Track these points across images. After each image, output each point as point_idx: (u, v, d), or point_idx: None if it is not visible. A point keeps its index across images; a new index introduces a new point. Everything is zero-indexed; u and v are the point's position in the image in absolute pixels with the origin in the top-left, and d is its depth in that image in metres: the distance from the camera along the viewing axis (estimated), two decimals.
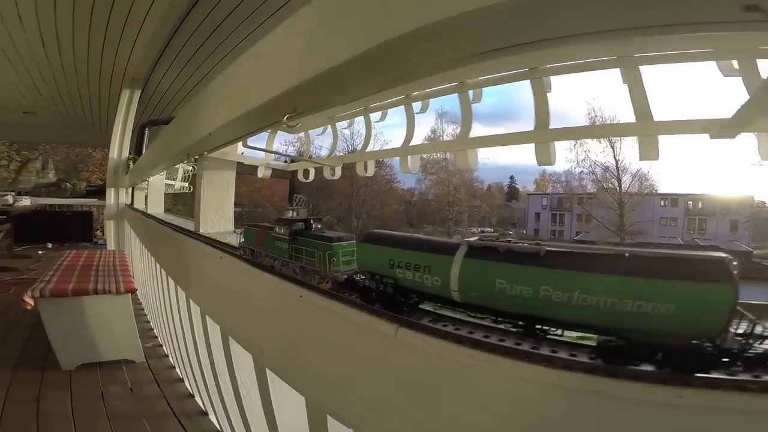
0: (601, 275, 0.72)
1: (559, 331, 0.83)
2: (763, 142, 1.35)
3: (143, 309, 5.50)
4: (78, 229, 11.60)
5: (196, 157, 2.73)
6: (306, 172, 2.86)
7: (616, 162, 26.42)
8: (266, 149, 2.50)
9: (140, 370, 3.87)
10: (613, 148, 26.28)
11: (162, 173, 5.49)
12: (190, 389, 3.42)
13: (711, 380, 0.62)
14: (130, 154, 7.31)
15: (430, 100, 2.05)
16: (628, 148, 25.60)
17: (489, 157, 33.35)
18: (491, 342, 0.80)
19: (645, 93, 1.36)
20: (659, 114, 1.39)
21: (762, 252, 22.08)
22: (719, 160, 31.36)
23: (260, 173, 2.77)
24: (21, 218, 9.28)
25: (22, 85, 7.82)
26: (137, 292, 4.61)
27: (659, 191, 27.97)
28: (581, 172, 27.75)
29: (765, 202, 23.80)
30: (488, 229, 33.70)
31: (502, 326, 0.90)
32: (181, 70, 6.42)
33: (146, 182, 6.16)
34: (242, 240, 1.91)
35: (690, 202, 28.29)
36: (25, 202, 8.91)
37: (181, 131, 2.64)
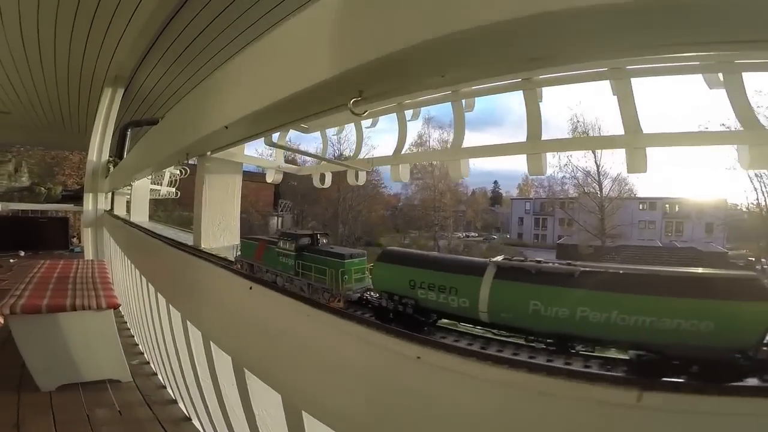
0: (640, 296, 0.73)
1: (588, 347, 0.83)
2: (743, 153, 1.41)
3: (125, 323, 5.11)
4: (53, 235, 10.95)
5: (189, 160, 2.43)
6: (323, 177, 2.62)
7: (597, 167, 26.97)
8: (304, 151, 2.19)
9: (128, 391, 3.52)
10: (594, 153, 26.81)
11: (149, 177, 5.07)
12: (186, 411, 3.11)
13: (746, 388, 0.66)
14: (110, 156, 6.85)
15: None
16: (609, 153, 26.19)
17: (474, 163, 33.44)
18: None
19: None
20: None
21: (736, 253, 22.69)
22: (694, 165, 32.32)
23: (270, 178, 2.50)
24: None
25: None
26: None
27: (638, 195, 28.67)
28: (563, 177, 28.26)
29: (738, 205, 24.51)
30: (473, 234, 33.89)
31: (533, 344, 0.88)
32: (168, 68, 6.04)
33: (129, 187, 5.77)
34: (239, 254, 1.81)
35: (667, 206, 29.06)
36: None
37: (180, 128, 2.32)
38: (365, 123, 2.30)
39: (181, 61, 6.05)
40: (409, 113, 2.08)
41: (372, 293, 1.20)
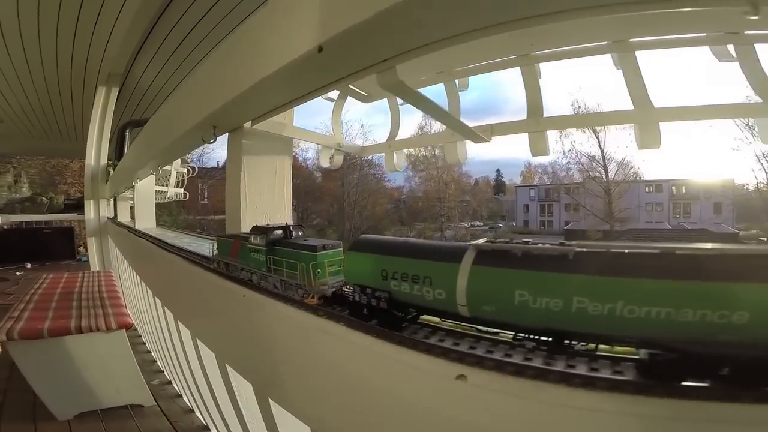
0: (653, 280, 0.56)
1: (591, 346, 0.68)
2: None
3: (140, 336, 4.69)
4: (59, 246, 10.53)
5: (214, 139, 1.79)
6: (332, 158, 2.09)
7: (602, 151, 26.50)
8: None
9: (153, 417, 3.11)
10: (598, 138, 26.39)
11: (155, 173, 4.34)
12: None
13: None
14: (109, 160, 6.35)
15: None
16: (613, 137, 25.82)
17: (477, 153, 33.09)
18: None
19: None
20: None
21: (747, 233, 22.32)
22: (700, 145, 31.80)
23: (326, 161, 1.94)
24: None
25: None
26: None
27: (644, 178, 28.22)
28: (568, 162, 27.79)
29: (746, 185, 24.07)
30: (478, 223, 33.46)
31: (523, 343, 0.73)
32: (166, 62, 5.55)
33: (131, 190, 5.30)
34: (215, 253, 1.70)
35: (673, 187, 28.61)
36: None
37: (202, 92, 1.71)
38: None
39: (179, 53, 5.57)
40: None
41: (348, 287, 1.06)
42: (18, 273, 8.73)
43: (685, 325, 0.53)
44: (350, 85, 1.58)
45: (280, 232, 1.29)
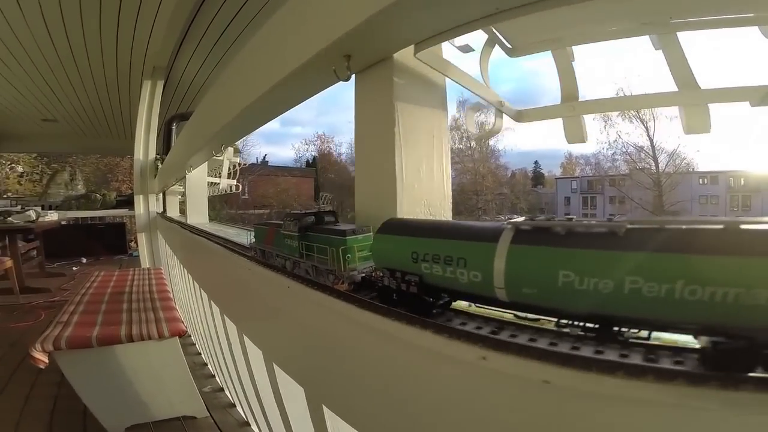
0: (717, 257, 0.47)
1: (643, 333, 0.59)
2: None
3: (189, 336, 4.49)
4: (111, 241, 10.83)
5: (349, 75, 1.17)
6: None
7: (651, 141, 24.72)
8: None
9: (207, 430, 2.86)
10: (646, 127, 24.64)
11: (219, 153, 3.82)
12: None
13: None
14: (157, 154, 6.22)
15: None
16: (663, 126, 24.06)
17: (517, 144, 31.83)
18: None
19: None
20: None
21: None
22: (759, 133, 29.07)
23: (474, 124, 1.44)
24: (51, 234, 8.48)
25: (35, 88, 6.92)
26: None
27: (697, 169, 26.15)
28: (614, 153, 26.12)
29: None
30: (515, 216, 32.10)
31: (567, 330, 0.64)
32: (209, 53, 5.32)
33: (182, 182, 5.07)
34: (252, 240, 1.72)
35: (731, 179, 26.33)
36: (52, 216, 8.05)
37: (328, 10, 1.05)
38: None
39: (222, 43, 5.30)
40: None
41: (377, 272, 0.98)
42: (74, 268, 8.96)
43: (755, 309, 0.45)
44: (496, 31, 1.12)
45: (311, 217, 1.26)
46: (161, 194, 6.68)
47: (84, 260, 9.80)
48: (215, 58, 5.38)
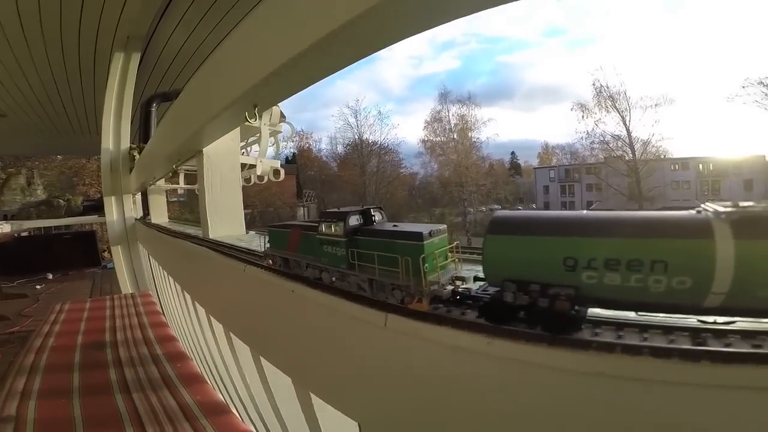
0: None
1: None
2: None
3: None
4: (81, 252, 9.28)
5: None
6: None
7: (627, 129, 24.74)
8: None
9: None
10: (623, 117, 24.67)
11: (251, 120, 2.22)
12: None
13: None
14: (132, 143, 4.85)
15: None
16: (637, 116, 24.23)
17: (498, 134, 31.41)
18: None
19: None
20: None
21: None
22: (727, 121, 29.98)
23: None
24: (5, 248, 6.98)
25: None
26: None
27: (669, 156, 26.57)
28: (592, 142, 26.03)
29: None
30: (496, 206, 31.95)
31: None
32: (202, 19, 4.12)
33: (172, 177, 3.77)
34: (268, 246, 1.38)
35: (701, 165, 26.92)
36: (4, 228, 6.55)
37: None
38: None
39: (217, 8, 4.11)
40: None
41: (464, 283, 0.84)
42: (38, 287, 7.45)
43: None
44: None
45: (358, 216, 1.02)
46: (139, 194, 5.37)
47: (50, 276, 8.27)
48: (209, 25, 4.16)
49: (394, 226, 0.97)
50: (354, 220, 1.02)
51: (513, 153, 38.71)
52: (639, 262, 0.58)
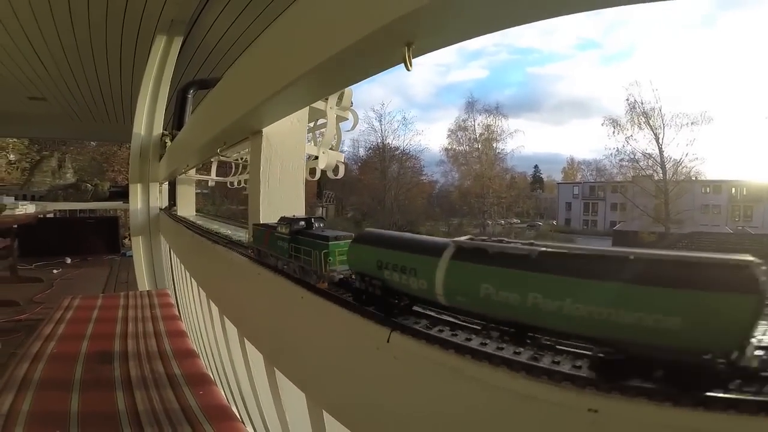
0: (595, 281, 0.53)
1: (550, 340, 0.65)
2: None
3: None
4: (102, 237, 9.13)
5: None
6: None
7: (660, 148, 23.74)
8: None
9: None
10: (656, 135, 23.69)
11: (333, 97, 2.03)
12: None
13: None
14: (164, 130, 4.49)
15: None
16: (671, 135, 23.25)
17: (524, 146, 30.67)
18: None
19: None
20: None
21: None
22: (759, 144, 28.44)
23: None
24: (29, 229, 6.85)
25: (20, 56, 5.32)
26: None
27: (700, 178, 25.35)
28: (621, 159, 25.08)
29: None
30: (515, 220, 31.18)
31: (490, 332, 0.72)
32: (246, 7, 3.82)
33: (204, 167, 3.36)
34: (251, 240, 1.65)
35: (734, 189, 25.60)
36: (28, 208, 6.41)
37: None
38: None
39: None
40: None
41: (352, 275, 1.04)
42: (54, 271, 7.26)
43: (624, 327, 0.50)
44: None
45: (302, 222, 1.27)
46: (166, 184, 5.07)
47: (68, 260, 8.11)
48: (254, 13, 3.85)
49: (322, 231, 1.20)
50: (298, 225, 1.25)
51: (536, 166, 37.85)
52: (405, 268, 0.80)
